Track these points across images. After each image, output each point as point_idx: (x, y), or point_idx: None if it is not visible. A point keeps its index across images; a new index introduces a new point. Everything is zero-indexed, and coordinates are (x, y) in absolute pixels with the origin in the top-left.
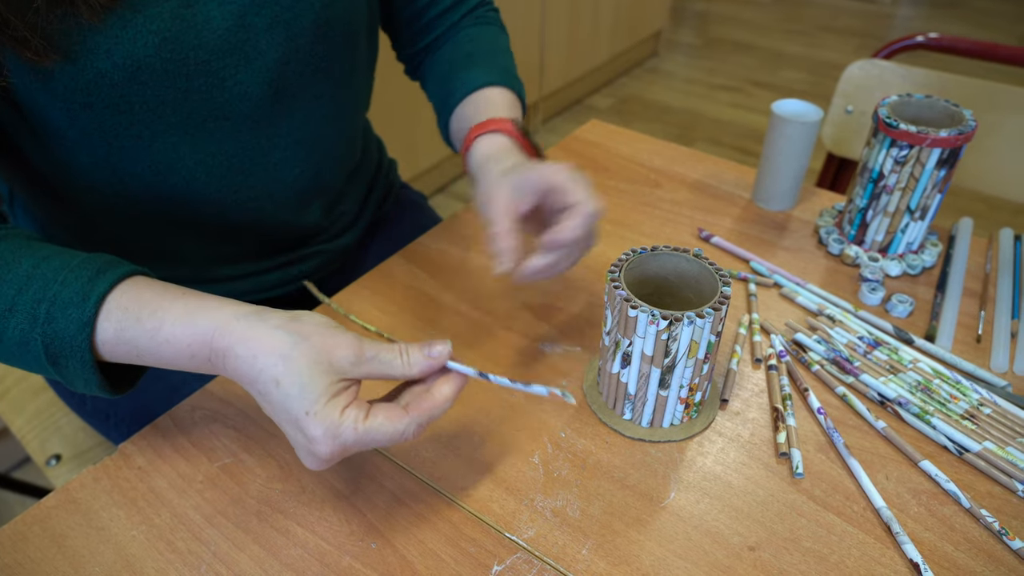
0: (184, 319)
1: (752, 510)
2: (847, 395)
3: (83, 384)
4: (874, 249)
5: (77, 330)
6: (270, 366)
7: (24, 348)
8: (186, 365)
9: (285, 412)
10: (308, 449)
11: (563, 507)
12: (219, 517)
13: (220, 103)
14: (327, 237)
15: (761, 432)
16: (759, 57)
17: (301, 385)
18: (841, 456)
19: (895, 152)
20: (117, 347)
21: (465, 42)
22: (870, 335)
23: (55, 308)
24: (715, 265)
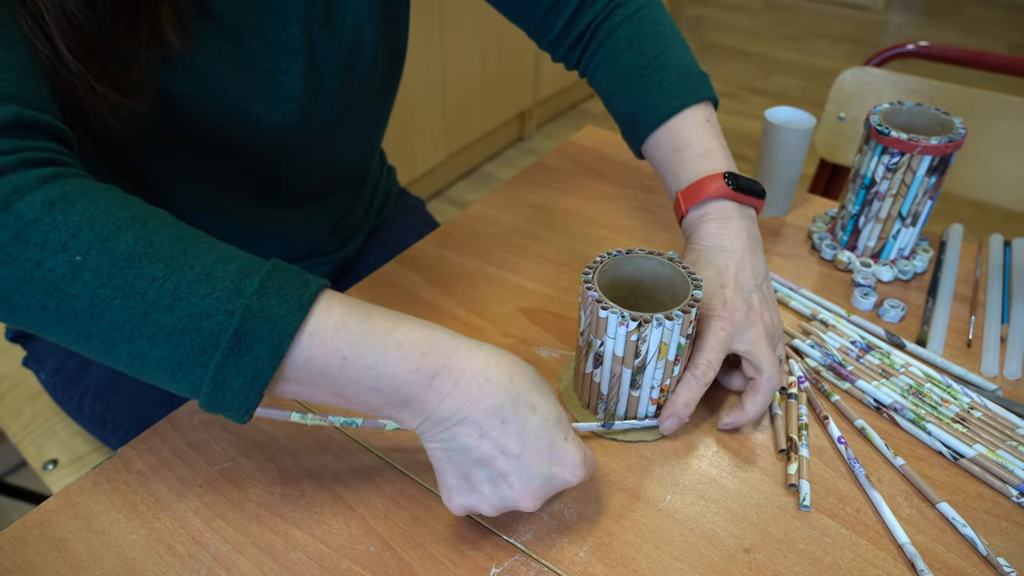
0: (422, 327)
1: (747, 512)
2: (865, 428)
3: (243, 383)
4: (866, 255)
5: (291, 311)
6: (527, 391)
7: (195, 323)
8: (392, 387)
9: (538, 439)
10: (555, 479)
11: (561, 510)
12: (219, 521)
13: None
14: (330, 249)
15: (756, 436)
16: (752, 63)
17: (558, 413)
18: (842, 467)
19: (886, 159)
20: (326, 342)
21: (625, 49)
22: (862, 340)
23: (269, 284)
24: (688, 269)
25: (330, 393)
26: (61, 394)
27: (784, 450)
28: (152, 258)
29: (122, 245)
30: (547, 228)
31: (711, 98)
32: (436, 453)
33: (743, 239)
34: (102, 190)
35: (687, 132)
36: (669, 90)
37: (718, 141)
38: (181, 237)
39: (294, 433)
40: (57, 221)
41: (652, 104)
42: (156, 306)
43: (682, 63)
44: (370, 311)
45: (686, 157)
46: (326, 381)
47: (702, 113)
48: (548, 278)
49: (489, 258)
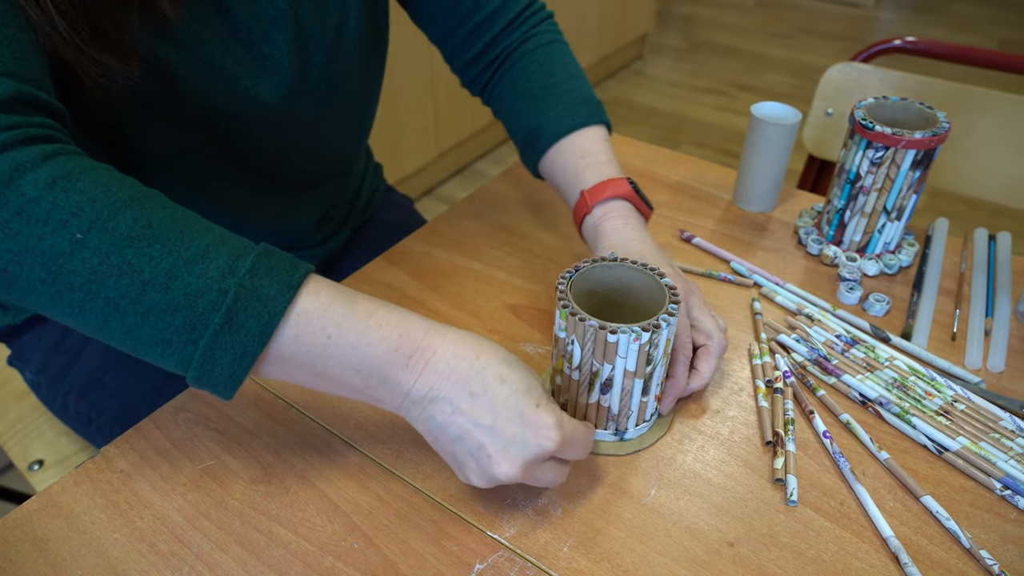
0: (399, 311)
1: (731, 507)
2: (851, 422)
3: (233, 359)
4: (852, 249)
5: (281, 291)
6: (494, 364)
7: (189, 301)
8: (371, 366)
9: (509, 408)
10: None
11: (545, 505)
12: (202, 519)
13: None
14: (314, 243)
15: (741, 430)
16: (743, 60)
17: (528, 383)
18: (826, 461)
19: (871, 154)
20: (312, 322)
21: (535, 71)
22: (848, 334)
23: (260, 265)
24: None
25: (314, 373)
26: (46, 393)
27: (771, 442)
28: (150, 238)
29: (122, 225)
30: (534, 225)
31: (607, 123)
32: (426, 436)
33: (645, 233)
34: (101, 169)
35: (590, 144)
36: (573, 109)
37: (614, 157)
38: (177, 218)
39: (278, 430)
40: (59, 199)
41: (558, 119)
42: (152, 284)
43: (585, 90)
44: (354, 295)
45: (590, 163)
46: (311, 360)
47: (601, 132)
48: (534, 275)
49: (476, 255)
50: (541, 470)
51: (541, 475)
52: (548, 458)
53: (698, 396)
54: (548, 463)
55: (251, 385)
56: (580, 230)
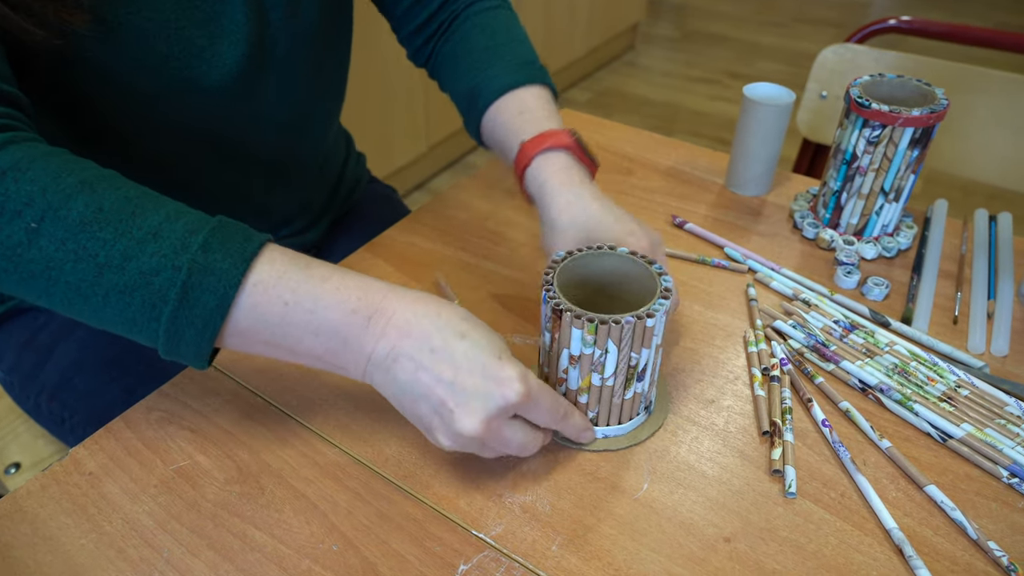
0: (355, 276)
1: (727, 500)
2: (851, 410)
3: (195, 333)
4: (849, 232)
5: (235, 264)
6: (455, 321)
7: (145, 279)
8: (330, 330)
9: (470, 360)
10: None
11: (533, 502)
12: (173, 522)
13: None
14: (294, 231)
15: (736, 420)
16: (736, 49)
17: (488, 338)
18: (826, 451)
19: (868, 132)
20: (269, 291)
21: (478, 34)
22: (846, 319)
23: (214, 239)
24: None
25: (275, 343)
26: (19, 393)
27: (768, 432)
28: (102, 222)
29: (73, 212)
30: (522, 212)
31: (551, 87)
32: (392, 401)
33: (596, 190)
34: (53, 155)
35: (530, 101)
36: (514, 68)
37: (558, 115)
38: (130, 199)
39: (255, 429)
40: (10, 190)
41: (497, 76)
42: (108, 267)
43: (529, 54)
44: (309, 262)
45: (528, 119)
46: (270, 329)
47: (544, 92)
48: (522, 263)
49: (461, 244)
50: (508, 428)
51: (509, 434)
52: (513, 415)
53: (691, 385)
54: (516, 423)
55: (228, 383)
56: (522, 186)
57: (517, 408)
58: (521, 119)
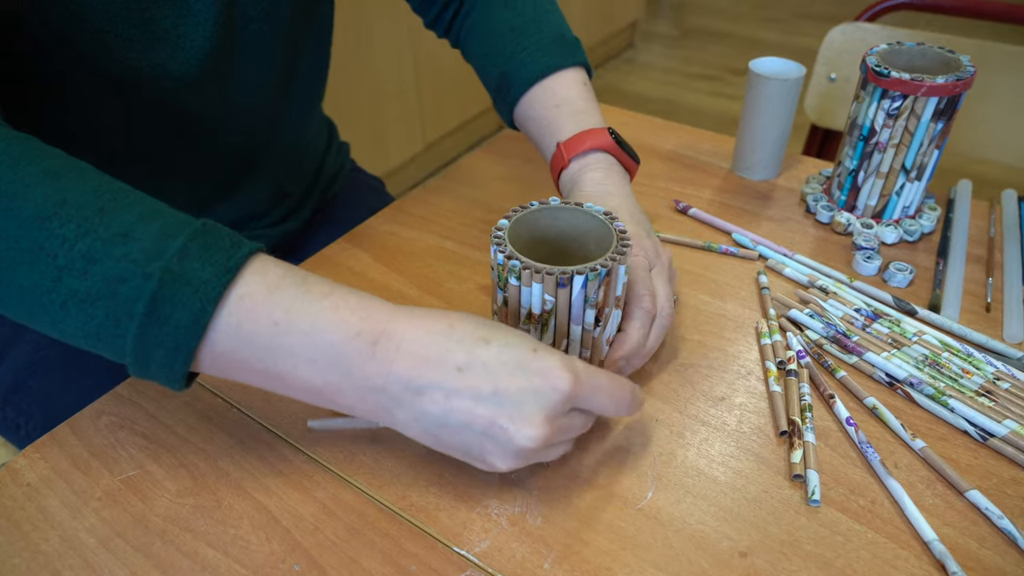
0: (357, 293)
1: (742, 509)
2: (878, 407)
3: (165, 354)
4: (867, 215)
5: (216, 274)
6: (472, 329)
7: (111, 288)
8: (331, 355)
9: (505, 365)
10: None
11: (522, 514)
12: (117, 540)
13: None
14: (271, 221)
15: (750, 419)
16: (735, 45)
17: (514, 334)
18: (851, 453)
19: (887, 104)
20: (257, 307)
21: (501, 7)
22: (868, 307)
23: (193, 245)
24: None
25: (263, 370)
26: None
27: (786, 432)
28: (64, 217)
29: (30, 204)
30: (513, 200)
31: (585, 64)
32: (424, 440)
33: (626, 189)
34: (16, 140)
35: (564, 90)
36: (545, 49)
37: (595, 104)
38: (100, 193)
39: (215, 434)
40: None
41: (527, 63)
42: (68, 270)
43: (558, 26)
44: (307, 276)
45: (565, 112)
46: (257, 353)
47: (578, 76)
48: None
49: (448, 233)
50: (569, 421)
51: (569, 425)
52: (571, 407)
53: (699, 381)
54: (572, 414)
55: None
56: (558, 187)
57: (574, 399)
58: (557, 113)
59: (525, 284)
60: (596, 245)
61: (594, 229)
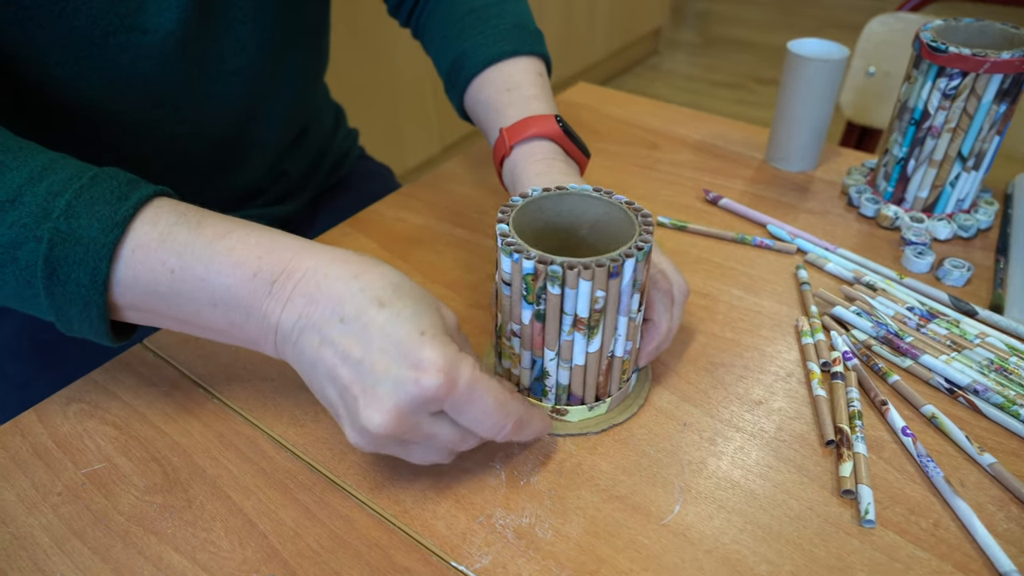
0: (261, 231)
1: (784, 528)
2: (937, 416)
3: (79, 311)
4: (917, 208)
5: (104, 229)
6: (377, 287)
7: (9, 254)
8: (229, 299)
9: (385, 336)
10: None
11: (531, 526)
12: (73, 540)
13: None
14: (268, 200)
15: (791, 426)
16: (760, 54)
17: (417, 307)
18: (909, 467)
19: (943, 83)
20: (150, 257)
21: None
22: (922, 306)
23: (79, 202)
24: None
25: (173, 316)
26: None
27: (832, 441)
28: None
29: None
30: None
31: (545, 57)
32: (305, 381)
33: (578, 180)
34: None
35: (518, 76)
36: (504, 35)
37: (549, 93)
38: None
39: (192, 426)
40: None
41: (484, 45)
42: None
43: (520, 16)
44: (203, 217)
45: (515, 97)
46: (162, 302)
47: (535, 65)
48: None
49: (459, 220)
50: (430, 425)
51: (429, 430)
52: (436, 410)
53: (732, 383)
54: (440, 419)
55: (168, 371)
56: (500, 178)
57: (439, 403)
58: (508, 98)
59: (571, 286)
60: (590, 228)
61: (588, 210)
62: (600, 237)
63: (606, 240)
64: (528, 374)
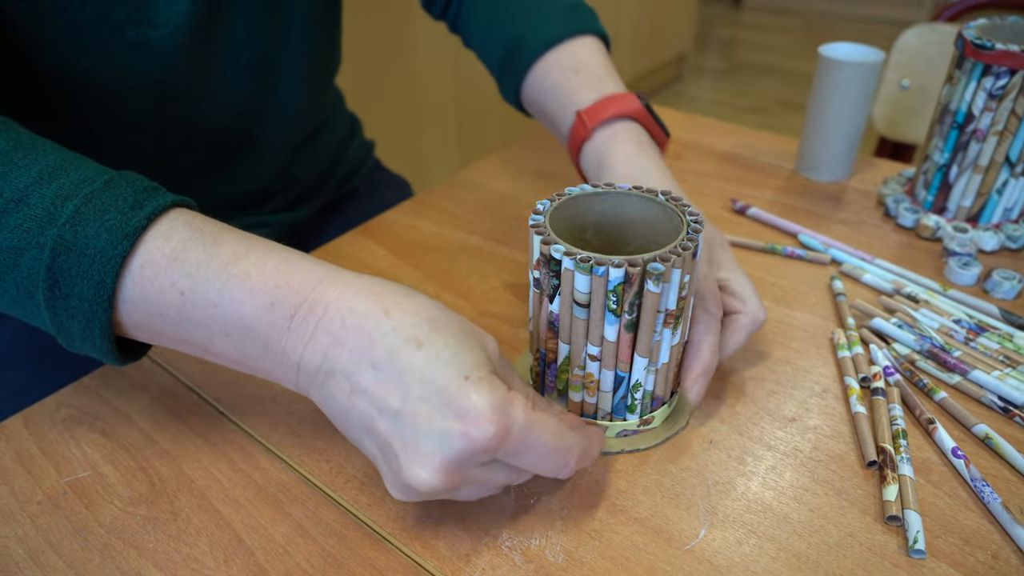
0: (281, 254)
1: (822, 557)
2: (992, 437)
3: (81, 328)
4: (960, 218)
5: (113, 240)
6: (410, 323)
7: (11, 260)
8: (242, 329)
9: (425, 384)
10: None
11: (540, 548)
12: (49, 552)
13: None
14: (277, 206)
15: (828, 445)
16: (786, 79)
17: (458, 348)
18: (961, 492)
19: (989, 83)
20: (160, 275)
21: None
22: (970, 319)
23: (88, 208)
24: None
25: (183, 340)
26: None
27: (875, 463)
28: None
29: None
30: (546, 194)
31: (605, 37)
32: (338, 427)
33: (666, 169)
34: None
35: (585, 56)
36: (562, 15)
37: (616, 75)
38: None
39: (184, 434)
40: None
41: (542, 26)
42: None
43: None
44: (220, 234)
45: (585, 79)
46: (171, 326)
47: (598, 44)
48: None
49: (473, 228)
50: (482, 472)
51: (482, 477)
52: (488, 460)
53: (763, 399)
54: (494, 465)
55: (162, 377)
56: (577, 164)
57: (492, 454)
58: (577, 80)
59: (666, 280)
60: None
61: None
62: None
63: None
64: (610, 397)
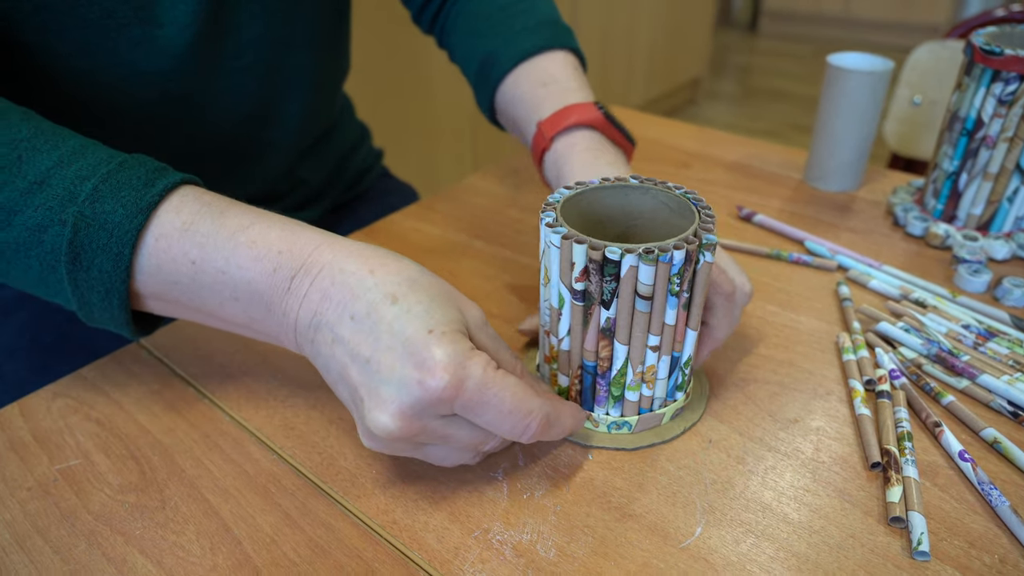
0: (284, 223)
1: (823, 558)
2: (1000, 440)
3: (100, 298)
4: (970, 226)
5: (128, 215)
6: (389, 282)
7: (35, 237)
8: (249, 294)
9: (393, 334)
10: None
11: (532, 543)
12: (36, 538)
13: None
14: (285, 207)
15: (831, 447)
16: (801, 104)
17: (428, 304)
18: (968, 496)
19: (999, 89)
20: (172, 246)
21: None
22: (979, 323)
23: (106, 187)
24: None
25: (196, 308)
26: None
27: (878, 464)
28: None
29: None
30: None
31: (579, 52)
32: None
33: (625, 169)
34: None
35: (555, 70)
36: (535, 30)
37: (587, 86)
38: (20, 140)
39: (178, 425)
40: None
41: (516, 40)
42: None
43: (550, 11)
44: (228, 207)
45: (552, 91)
46: (185, 293)
47: (570, 59)
48: None
49: (477, 231)
50: (443, 427)
51: (444, 432)
52: (446, 412)
53: (765, 400)
54: (455, 420)
55: (160, 369)
56: (542, 175)
57: (446, 405)
58: (544, 92)
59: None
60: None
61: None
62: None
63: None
64: (665, 383)
